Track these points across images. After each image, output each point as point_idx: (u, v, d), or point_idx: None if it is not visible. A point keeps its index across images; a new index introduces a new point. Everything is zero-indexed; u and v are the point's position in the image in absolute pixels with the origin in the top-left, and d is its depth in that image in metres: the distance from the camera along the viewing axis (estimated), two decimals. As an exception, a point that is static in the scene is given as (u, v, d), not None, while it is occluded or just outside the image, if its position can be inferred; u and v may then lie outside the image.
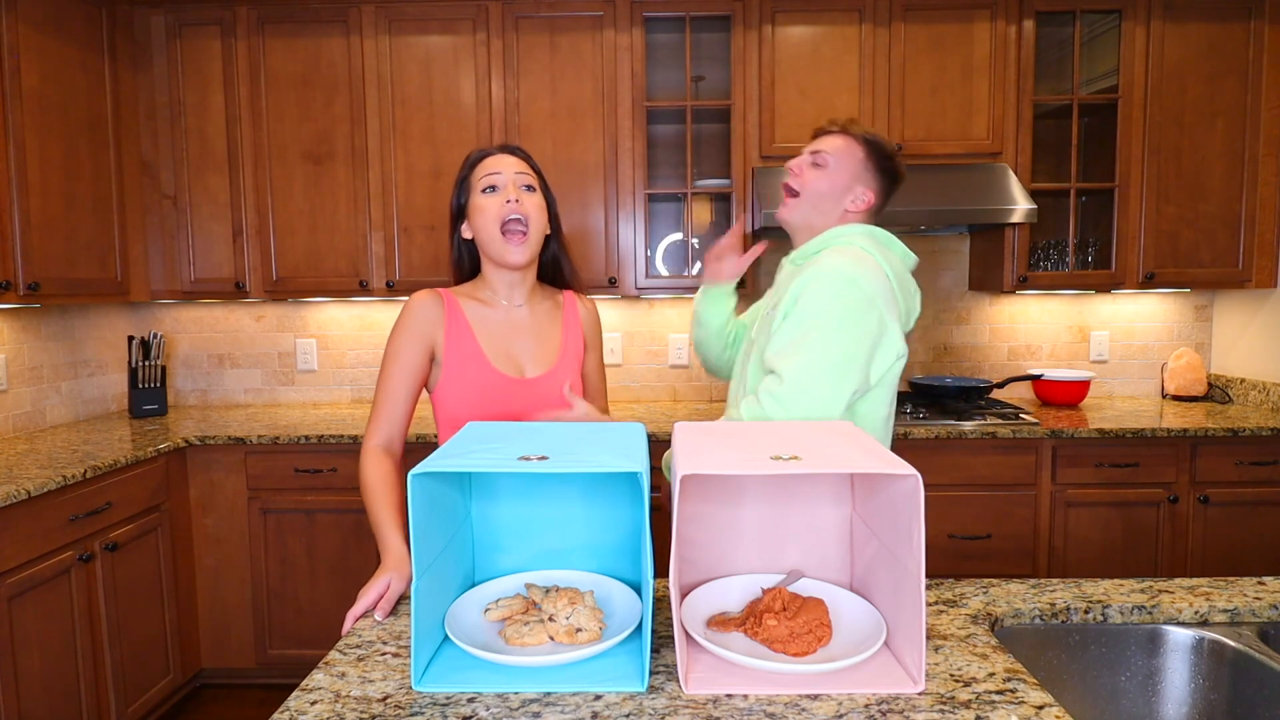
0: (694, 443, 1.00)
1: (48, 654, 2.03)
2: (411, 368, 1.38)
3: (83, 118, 2.55)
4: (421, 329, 1.39)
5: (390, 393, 1.38)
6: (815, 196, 1.43)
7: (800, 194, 1.43)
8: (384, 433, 1.38)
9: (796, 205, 1.44)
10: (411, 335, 1.38)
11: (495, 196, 1.37)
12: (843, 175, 1.42)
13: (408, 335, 1.38)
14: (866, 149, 1.43)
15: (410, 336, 1.38)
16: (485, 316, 1.44)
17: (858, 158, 1.43)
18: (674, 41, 3.00)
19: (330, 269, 2.85)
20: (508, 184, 1.38)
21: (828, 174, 1.42)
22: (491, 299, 1.46)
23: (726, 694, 0.87)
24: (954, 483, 2.56)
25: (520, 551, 1.16)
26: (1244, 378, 2.99)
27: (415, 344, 1.38)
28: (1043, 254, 2.94)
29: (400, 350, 1.38)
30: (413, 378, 1.39)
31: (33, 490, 1.95)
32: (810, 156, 1.44)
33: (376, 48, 2.79)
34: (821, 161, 1.42)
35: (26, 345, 2.67)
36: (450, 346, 1.40)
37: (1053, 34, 3.01)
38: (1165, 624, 1.13)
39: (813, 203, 1.43)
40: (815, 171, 1.43)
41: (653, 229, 3.12)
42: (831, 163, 1.42)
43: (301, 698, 0.89)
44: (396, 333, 1.39)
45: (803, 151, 1.48)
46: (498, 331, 1.44)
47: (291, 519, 2.63)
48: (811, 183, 1.43)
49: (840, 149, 1.42)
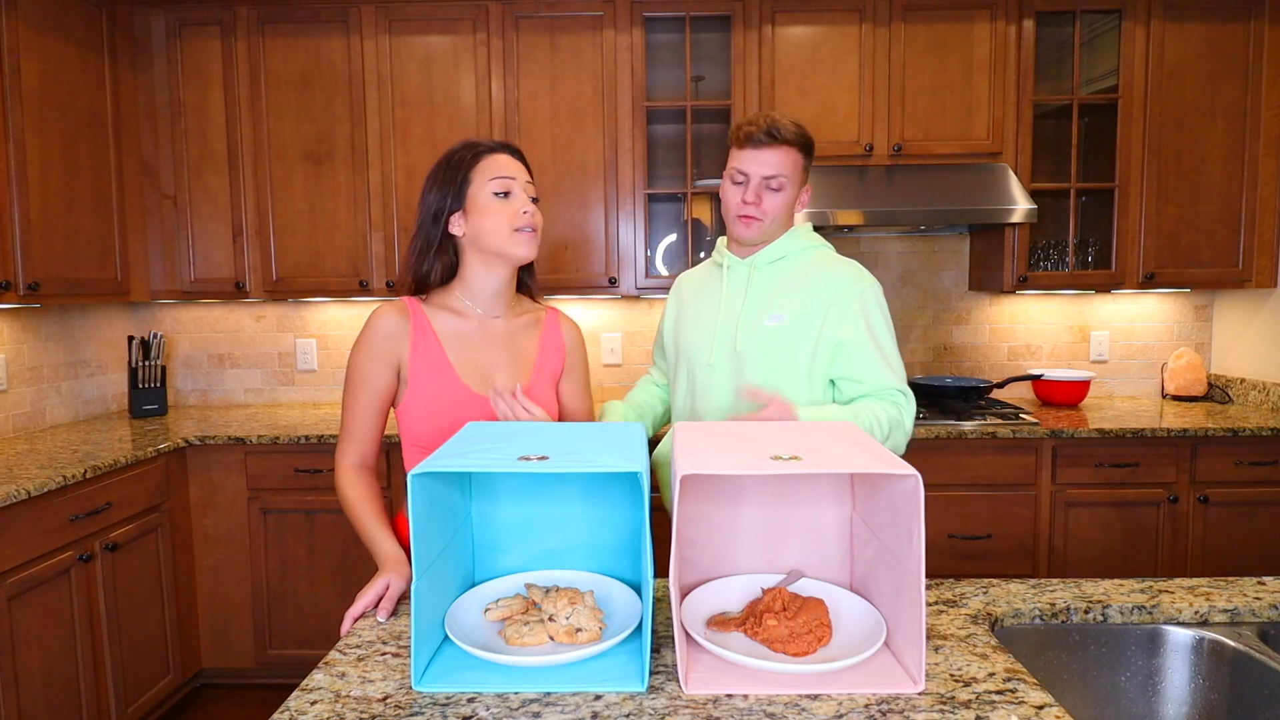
0: (694, 443, 1.00)
1: (48, 654, 2.03)
2: (377, 389, 1.33)
3: (83, 118, 2.55)
4: (385, 347, 1.32)
5: (358, 417, 1.34)
6: (775, 217, 1.50)
7: (763, 219, 1.49)
8: (356, 453, 1.36)
9: (761, 228, 1.50)
10: (375, 354, 1.32)
11: (510, 203, 1.32)
12: (793, 188, 1.51)
13: (371, 355, 1.32)
14: (800, 152, 1.49)
15: (374, 355, 1.32)
16: (456, 328, 1.36)
17: (800, 165, 1.50)
18: (674, 41, 3.00)
19: (330, 269, 2.85)
20: (520, 193, 1.34)
21: (784, 194, 1.49)
22: (467, 309, 1.38)
23: (726, 694, 0.87)
24: (954, 483, 2.56)
25: (520, 551, 1.16)
26: (1244, 378, 2.99)
27: (379, 363, 1.32)
28: (1043, 254, 2.94)
29: (365, 371, 1.32)
30: (380, 398, 1.34)
31: (33, 490, 1.95)
32: (763, 180, 1.47)
33: (376, 48, 2.79)
34: (779, 184, 1.48)
35: (26, 345, 2.67)
36: (416, 360, 1.32)
37: (1053, 34, 3.01)
38: (1165, 624, 1.13)
39: (773, 222, 1.51)
40: (773, 195, 1.48)
41: (653, 229, 3.12)
42: (786, 181, 1.48)
43: (301, 698, 0.89)
44: (359, 352, 1.32)
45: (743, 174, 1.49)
46: (469, 344, 1.36)
47: (291, 519, 2.63)
48: (772, 209, 1.49)
49: (788, 166, 1.47)
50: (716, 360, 1.54)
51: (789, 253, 1.54)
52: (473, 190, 1.33)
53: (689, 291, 1.68)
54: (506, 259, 1.35)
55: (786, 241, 1.54)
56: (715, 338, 1.55)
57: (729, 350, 1.52)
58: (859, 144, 2.76)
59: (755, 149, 1.47)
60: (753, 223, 1.50)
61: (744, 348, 1.50)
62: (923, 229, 3.01)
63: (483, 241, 1.33)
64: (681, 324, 1.64)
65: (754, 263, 1.55)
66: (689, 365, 1.60)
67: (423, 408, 1.33)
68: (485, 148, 1.36)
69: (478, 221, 1.32)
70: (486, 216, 1.32)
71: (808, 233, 1.58)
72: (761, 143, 1.46)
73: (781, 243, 1.54)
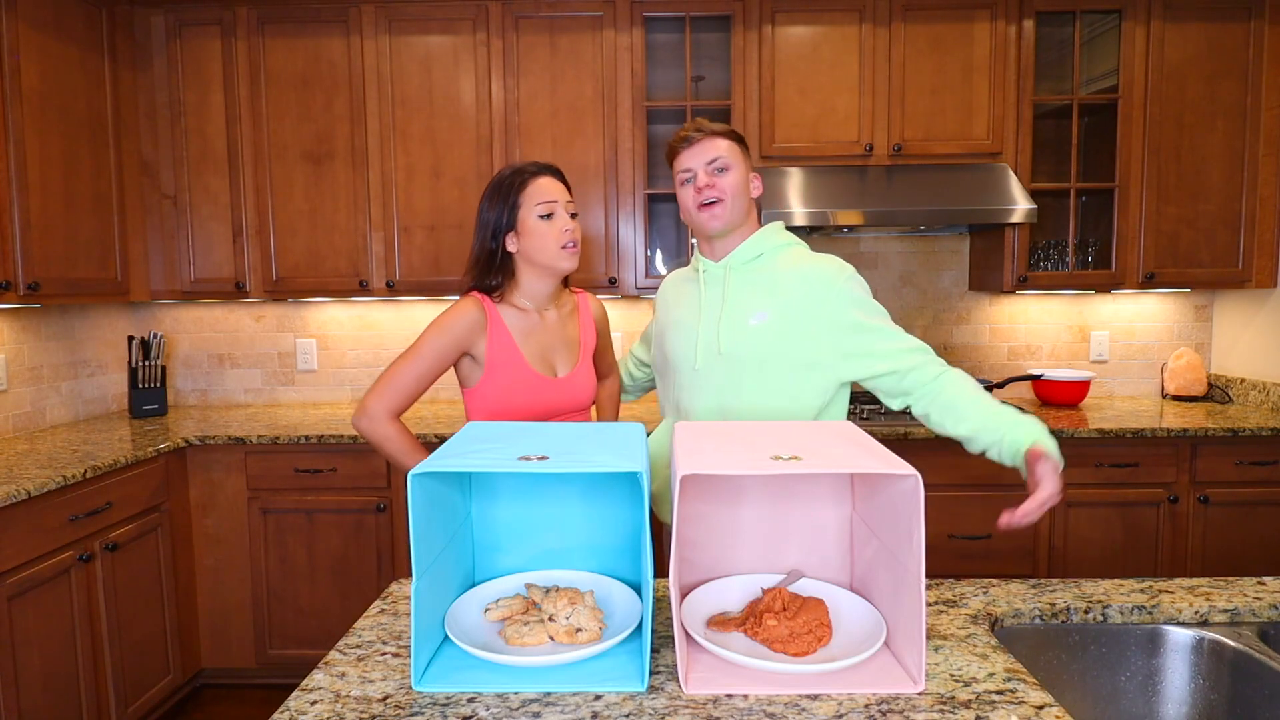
0: (694, 443, 1.00)
1: (48, 654, 2.03)
2: (439, 368, 1.53)
3: (83, 117, 2.55)
4: (464, 336, 1.53)
5: (414, 379, 1.51)
6: (734, 196, 1.51)
7: (724, 199, 1.50)
8: (397, 406, 1.51)
9: (724, 210, 1.51)
10: (454, 339, 1.52)
11: (554, 223, 1.54)
12: (741, 169, 1.53)
13: (450, 339, 1.52)
14: (733, 140, 1.53)
15: (452, 340, 1.52)
16: (521, 322, 1.59)
17: (737, 151, 1.53)
18: (674, 41, 3.00)
19: (330, 269, 2.85)
20: (562, 212, 1.55)
21: (732, 173, 1.51)
22: (526, 306, 1.60)
23: (726, 694, 0.87)
24: (954, 483, 2.56)
25: (520, 551, 1.16)
26: (1244, 378, 2.99)
27: (453, 349, 1.53)
28: (1043, 254, 2.94)
29: (438, 349, 1.51)
30: (438, 372, 1.53)
31: (33, 490, 1.95)
32: (707, 166, 1.51)
33: (376, 48, 2.79)
34: (724, 164, 1.51)
35: (26, 345, 2.67)
36: (493, 352, 1.54)
37: (1053, 34, 3.01)
38: (1165, 624, 1.13)
39: (734, 203, 1.52)
40: (723, 176, 1.51)
41: (653, 229, 3.12)
42: (731, 162, 1.51)
43: (301, 698, 0.89)
44: (440, 332, 1.52)
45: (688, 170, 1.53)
46: (532, 336, 1.59)
47: (291, 519, 2.63)
48: (727, 187, 1.50)
49: (726, 149, 1.51)
50: (702, 363, 1.54)
51: (765, 250, 1.55)
52: (522, 214, 1.54)
53: (671, 297, 1.69)
54: (555, 271, 1.57)
55: (760, 239, 1.55)
56: (699, 341, 1.55)
57: (713, 353, 1.52)
58: (859, 144, 2.76)
59: (689, 147, 1.52)
60: (714, 207, 1.51)
61: (729, 349, 1.50)
62: (923, 229, 3.01)
63: (533, 257, 1.55)
64: (665, 329, 1.66)
65: (729, 264, 1.56)
66: (674, 370, 1.61)
67: (499, 389, 1.55)
68: (530, 173, 1.56)
69: (528, 241, 1.54)
70: (535, 237, 1.54)
71: (780, 231, 1.59)
72: (694, 139, 1.52)
73: (755, 241, 1.55)
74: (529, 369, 1.56)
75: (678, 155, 1.55)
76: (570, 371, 1.63)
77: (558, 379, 1.60)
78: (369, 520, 2.62)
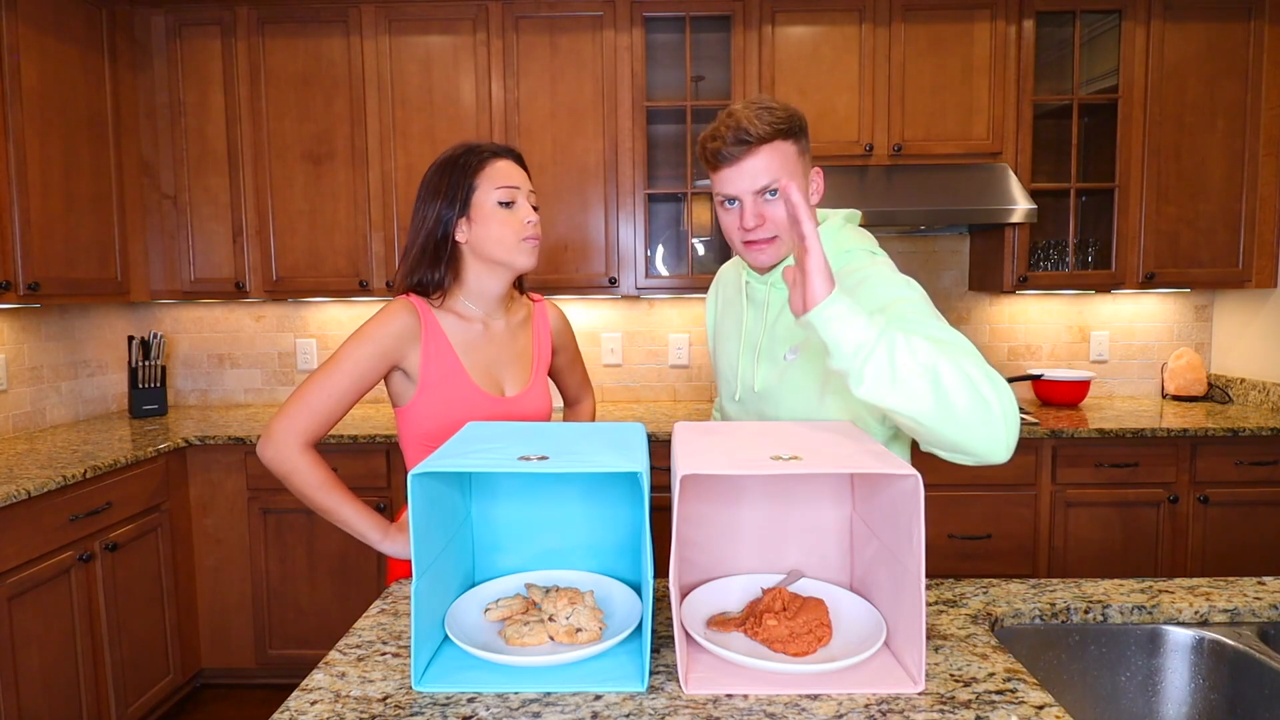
0: (694, 443, 1.00)
1: (48, 654, 2.03)
2: (363, 383, 1.29)
3: (83, 118, 2.55)
4: (392, 346, 1.30)
5: (334, 400, 1.26)
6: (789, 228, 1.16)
7: (778, 236, 1.21)
8: (312, 431, 1.26)
9: (778, 246, 1.22)
10: (379, 350, 1.29)
11: (515, 213, 1.32)
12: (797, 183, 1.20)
13: (376, 350, 1.29)
14: (787, 139, 1.19)
15: (378, 351, 1.29)
16: (464, 331, 1.37)
17: (793, 154, 1.20)
18: (674, 41, 3.00)
19: (330, 269, 2.85)
20: (524, 202, 1.34)
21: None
22: (470, 312, 1.38)
23: (726, 694, 0.87)
24: (954, 483, 2.56)
25: (520, 551, 1.16)
26: (1244, 378, 2.99)
27: (380, 361, 1.29)
28: (1043, 254, 2.94)
29: (362, 363, 1.28)
30: (362, 389, 1.30)
31: (33, 490, 1.95)
32: (755, 195, 1.19)
33: (376, 48, 2.79)
34: (777, 190, 1.18)
35: (26, 345, 2.67)
36: (428, 365, 1.32)
37: (1053, 34, 3.01)
38: (1165, 624, 1.13)
39: (789, 236, 1.20)
40: (775, 205, 1.19)
41: (653, 229, 3.12)
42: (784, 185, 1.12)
43: (301, 698, 0.89)
44: (363, 340, 1.28)
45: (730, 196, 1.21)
46: (477, 348, 1.38)
47: (291, 519, 2.63)
48: (781, 220, 1.19)
49: (777, 164, 1.18)
50: (743, 396, 1.35)
51: None
52: (477, 198, 1.32)
53: (723, 300, 1.46)
54: (511, 268, 1.36)
55: None
56: (739, 374, 1.35)
57: (749, 388, 1.32)
58: (859, 144, 2.76)
59: (731, 165, 1.18)
60: (765, 247, 1.22)
61: (764, 388, 1.29)
62: (923, 229, 3.01)
63: (487, 250, 1.33)
64: (716, 335, 1.46)
65: (773, 281, 1.29)
66: (722, 389, 1.44)
67: (435, 409, 1.34)
68: (489, 153, 1.34)
69: (482, 230, 1.32)
70: (492, 226, 1.32)
71: (838, 233, 1.27)
72: (734, 155, 1.18)
73: None
74: (471, 385, 1.35)
75: (717, 171, 1.21)
76: (521, 390, 1.42)
77: (505, 398, 1.39)
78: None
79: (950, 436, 0.96)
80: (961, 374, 0.95)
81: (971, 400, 0.94)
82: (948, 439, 0.97)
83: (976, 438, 0.96)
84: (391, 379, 1.35)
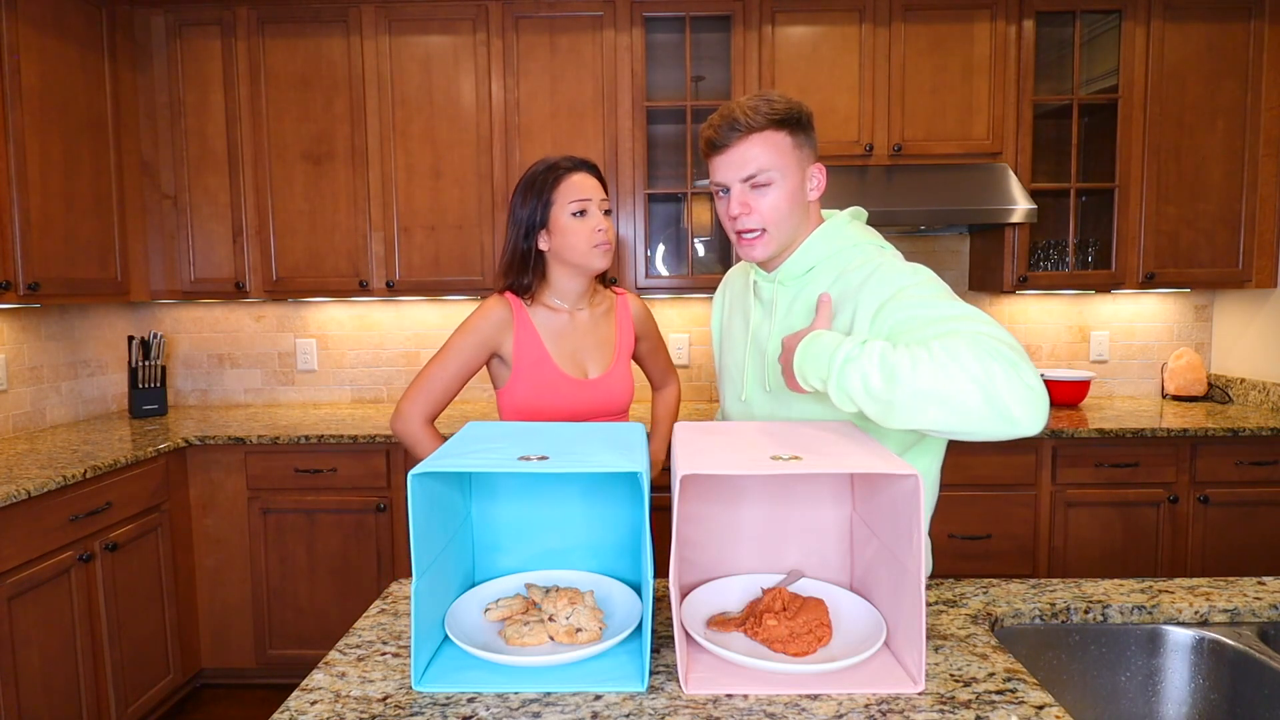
0: (694, 443, 1.00)
1: (48, 654, 2.03)
2: (468, 367, 1.53)
3: (83, 117, 2.55)
4: (490, 336, 1.53)
5: (445, 382, 1.52)
6: (778, 222, 1.19)
7: (765, 229, 1.20)
8: (430, 410, 1.53)
9: (767, 240, 1.21)
10: (480, 340, 1.53)
11: (587, 221, 1.51)
12: (790, 178, 1.19)
13: (476, 339, 1.52)
14: (781, 130, 1.18)
15: (478, 340, 1.52)
16: (551, 322, 1.57)
17: (787, 146, 1.18)
18: (674, 41, 3.00)
19: (330, 269, 2.85)
20: (596, 210, 1.52)
21: (775, 190, 1.18)
22: (558, 305, 1.58)
23: (726, 694, 0.87)
24: (954, 483, 2.56)
25: (520, 551, 1.16)
26: (1244, 378, 2.99)
27: (481, 349, 1.53)
28: (1043, 254, 2.94)
29: (465, 350, 1.52)
30: (467, 373, 1.54)
31: (33, 490, 1.95)
32: (743, 183, 1.19)
33: (376, 48, 2.79)
34: (765, 179, 1.18)
35: (26, 345, 2.67)
36: (520, 352, 1.53)
37: (1053, 34, 3.01)
38: (1165, 624, 1.13)
39: (779, 230, 1.20)
40: (763, 196, 1.19)
41: (653, 229, 3.12)
42: (773, 175, 1.18)
43: (301, 698, 0.89)
44: (467, 333, 1.52)
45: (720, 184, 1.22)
46: (563, 336, 1.57)
47: (291, 519, 2.63)
48: (769, 212, 1.19)
49: (768, 154, 1.17)
50: (750, 395, 1.33)
51: (818, 261, 1.23)
52: (554, 211, 1.51)
53: (730, 300, 1.46)
54: (586, 270, 1.55)
55: (813, 248, 1.23)
56: (746, 369, 1.33)
57: (759, 387, 1.30)
58: (859, 144, 2.76)
59: (722, 152, 1.19)
60: (755, 239, 1.21)
61: (775, 386, 1.27)
62: (923, 229, 3.01)
63: (565, 255, 1.53)
64: (723, 336, 1.46)
65: (779, 279, 1.27)
66: (726, 388, 1.43)
67: (527, 390, 1.54)
68: (564, 169, 1.53)
69: (560, 239, 1.52)
70: (568, 235, 1.51)
71: (842, 230, 1.25)
72: (726, 143, 1.18)
73: (808, 250, 1.23)
74: (556, 370, 1.54)
75: (710, 159, 1.23)
76: (603, 373, 1.60)
77: (588, 380, 1.58)
78: (369, 520, 2.62)
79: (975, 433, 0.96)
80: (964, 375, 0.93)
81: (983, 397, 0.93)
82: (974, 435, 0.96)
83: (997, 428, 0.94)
84: (491, 364, 1.58)
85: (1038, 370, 1.10)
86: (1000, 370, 0.93)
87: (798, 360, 1.07)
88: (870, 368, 0.97)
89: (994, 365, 0.93)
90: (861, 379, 0.98)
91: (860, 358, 0.99)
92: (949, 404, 0.94)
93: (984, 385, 0.92)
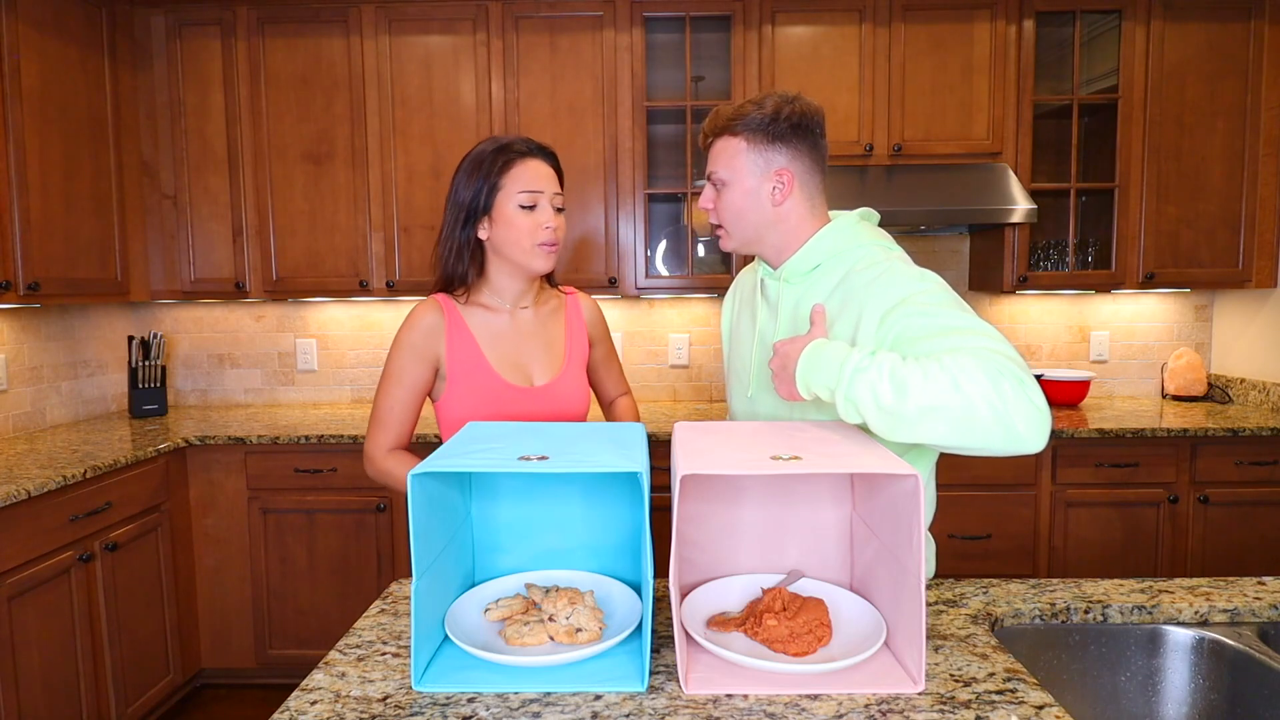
0: (694, 442, 1.00)
1: (48, 654, 2.03)
2: (415, 386, 1.38)
3: (83, 118, 2.55)
4: (423, 347, 1.37)
5: (393, 410, 1.37)
6: (733, 216, 1.26)
7: (721, 224, 1.28)
8: (388, 440, 1.38)
9: (727, 236, 1.29)
10: (413, 354, 1.36)
11: (534, 216, 1.35)
12: (740, 180, 1.23)
13: (410, 354, 1.36)
14: (734, 135, 1.23)
15: (412, 355, 1.36)
16: (489, 323, 1.40)
17: (740, 151, 1.23)
18: (674, 41, 3.00)
19: (330, 269, 2.85)
20: (546, 205, 1.36)
21: (727, 190, 1.25)
22: (497, 304, 1.42)
23: (726, 694, 0.87)
24: (954, 483, 2.56)
25: (520, 551, 1.16)
26: (1244, 378, 2.99)
27: (419, 363, 1.37)
28: (1043, 254, 2.94)
29: (403, 370, 1.37)
30: (416, 393, 1.38)
31: (33, 490, 1.95)
32: (711, 178, 1.28)
33: (376, 48, 2.79)
34: (717, 181, 1.26)
35: (26, 345, 2.67)
36: (453, 359, 1.37)
37: (1053, 34, 3.01)
38: (1165, 624, 1.13)
39: (735, 226, 1.27)
40: (720, 195, 1.26)
41: (653, 229, 3.12)
42: (725, 176, 1.25)
43: (301, 698, 0.89)
44: (399, 350, 1.37)
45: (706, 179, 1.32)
46: (503, 338, 1.41)
47: (291, 519, 2.63)
48: (722, 209, 1.27)
49: (722, 158, 1.25)
50: (755, 393, 1.33)
51: (823, 259, 1.23)
52: (500, 198, 1.34)
53: (740, 300, 1.46)
54: (526, 270, 1.39)
55: (818, 246, 1.24)
56: (753, 367, 1.33)
57: (766, 385, 1.30)
58: (859, 144, 2.76)
59: (706, 152, 1.30)
60: (719, 232, 1.30)
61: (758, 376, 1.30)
62: (923, 229, 3.01)
63: (504, 250, 1.37)
64: (733, 335, 1.46)
65: (784, 276, 1.27)
66: (734, 386, 1.44)
67: (462, 402, 1.38)
68: (517, 152, 1.35)
69: (502, 231, 1.35)
70: (511, 228, 1.35)
71: (849, 230, 1.25)
72: (706, 144, 1.29)
73: (812, 248, 1.24)
74: (496, 376, 1.37)
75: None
76: (551, 379, 1.43)
77: (534, 388, 1.40)
78: (369, 520, 2.62)
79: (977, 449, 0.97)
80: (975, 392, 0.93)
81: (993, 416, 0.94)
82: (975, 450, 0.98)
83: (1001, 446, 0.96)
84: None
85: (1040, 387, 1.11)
86: (1010, 389, 0.94)
87: (801, 369, 1.06)
88: (880, 380, 0.97)
89: (1004, 383, 0.94)
90: (871, 391, 0.98)
91: (870, 369, 0.99)
92: (958, 420, 0.95)
93: (994, 404, 0.93)
